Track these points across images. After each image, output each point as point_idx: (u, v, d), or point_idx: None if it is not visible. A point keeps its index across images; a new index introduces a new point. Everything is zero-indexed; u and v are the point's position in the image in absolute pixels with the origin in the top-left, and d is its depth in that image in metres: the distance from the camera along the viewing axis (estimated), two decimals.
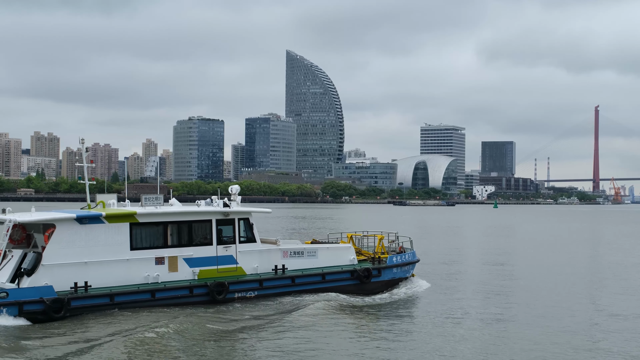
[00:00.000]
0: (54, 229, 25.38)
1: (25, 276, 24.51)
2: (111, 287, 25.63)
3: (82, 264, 25.40)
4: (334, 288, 30.62)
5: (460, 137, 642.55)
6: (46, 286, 24.30)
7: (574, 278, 40.97)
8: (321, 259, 31.31)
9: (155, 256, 27.08)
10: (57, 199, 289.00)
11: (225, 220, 29.03)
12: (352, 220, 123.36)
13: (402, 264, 34.16)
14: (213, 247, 28.49)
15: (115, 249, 26.29)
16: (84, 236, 25.74)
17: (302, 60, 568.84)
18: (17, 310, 23.53)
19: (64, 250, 25.19)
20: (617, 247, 68.70)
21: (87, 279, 25.27)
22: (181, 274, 27.51)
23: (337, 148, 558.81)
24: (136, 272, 26.50)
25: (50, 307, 23.86)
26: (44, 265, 24.70)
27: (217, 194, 32.85)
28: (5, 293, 23.61)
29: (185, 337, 21.68)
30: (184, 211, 28.74)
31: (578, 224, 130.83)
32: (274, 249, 30.16)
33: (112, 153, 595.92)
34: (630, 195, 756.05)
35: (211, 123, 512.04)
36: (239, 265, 28.96)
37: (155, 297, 26.22)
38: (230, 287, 27.87)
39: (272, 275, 29.57)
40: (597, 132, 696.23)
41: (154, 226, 27.52)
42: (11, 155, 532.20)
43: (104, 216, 26.33)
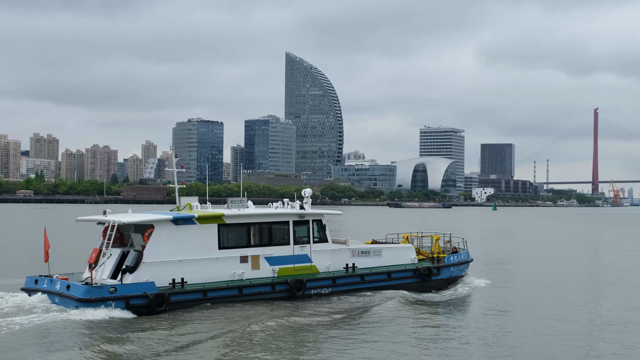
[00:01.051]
0: (152, 229, 27.35)
1: (127, 273, 26.40)
2: (204, 284, 27.64)
3: (178, 261, 27.40)
4: (398, 285, 32.51)
5: (460, 140, 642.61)
6: (148, 282, 26.25)
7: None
8: (386, 258, 33.39)
9: (240, 255, 29.14)
10: (56, 201, 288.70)
11: (300, 222, 31.13)
12: (351, 223, 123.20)
13: (458, 263, 36.18)
14: (290, 247, 30.58)
15: (206, 248, 28.31)
16: (179, 236, 27.79)
17: (301, 62, 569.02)
18: (124, 304, 25.45)
19: (162, 249, 27.24)
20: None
21: (182, 276, 27.23)
22: (263, 272, 29.52)
23: (337, 150, 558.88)
24: (224, 269, 28.55)
25: (153, 301, 25.79)
26: (144, 262, 26.64)
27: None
28: (114, 288, 25.50)
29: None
30: (265, 213, 30.70)
31: (582, 227, 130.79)
32: (344, 248, 32.19)
33: (112, 155, 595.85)
34: (629, 198, 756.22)
35: (210, 125, 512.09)
36: (313, 263, 31.07)
37: (242, 293, 28.17)
38: (307, 284, 29.82)
39: (344, 273, 31.58)
40: (596, 134, 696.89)
41: (239, 227, 29.53)
42: (10, 157, 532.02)
43: (196, 218, 28.39)
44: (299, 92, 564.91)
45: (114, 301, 25.33)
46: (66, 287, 25.95)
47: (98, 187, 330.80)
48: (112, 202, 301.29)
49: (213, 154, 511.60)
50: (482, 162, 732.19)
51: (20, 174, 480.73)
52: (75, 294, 25.36)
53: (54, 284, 26.62)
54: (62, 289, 26.02)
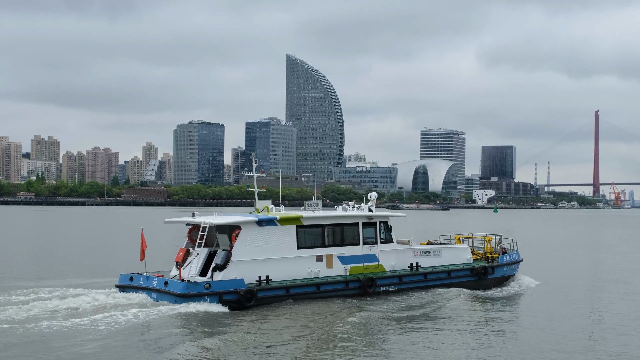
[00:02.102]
0: (239, 230, 29.29)
1: (217, 271, 28.38)
2: (286, 281, 29.64)
3: (262, 260, 29.35)
4: (457, 284, 34.41)
5: (461, 142, 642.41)
6: (238, 279, 28.19)
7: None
8: (444, 258, 35.37)
9: (316, 254, 31.12)
10: (57, 203, 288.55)
11: (369, 223, 33.03)
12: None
13: (511, 263, 38.17)
14: (360, 247, 32.51)
15: (286, 248, 30.31)
16: (263, 236, 29.80)
17: (302, 65, 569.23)
18: (218, 299, 27.43)
19: (248, 249, 29.19)
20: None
21: (267, 274, 29.21)
22: (336, 270, 31.47)
23: (337, 152, 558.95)
24: (301, 268, 30.52)
25: (243, 296, 27.70)
26: (233, 261, 28.60)
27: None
28: (209, 285, 27.47)
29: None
30: (337, 215, 32.95)
31: (585, 228, 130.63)
32: (407, 248, 34.23)
33: (113, 157, 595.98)
34: (630, 200, 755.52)
35: (211, 127, 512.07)
36: (380, 262, 33.03)
37: (320, 290, 30.17)
38: (377, 282, 31.80)
39: (408, 272, 33.61)
40: (597, 136, 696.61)
41: (315, 228, 31.57)
42: (11, 159, 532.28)
43: (277, 219, 30.38)
44: (300, 94, 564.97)
45: (209, 296, 27.29)
46: (164, 283, 27.83)
47: (99, 189, 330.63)
48: (112, 204, 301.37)
49: (214, 156, 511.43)
50: (483, 164, 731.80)
51: (21, 176, 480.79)
52: (174, 289, 27.32)
53: (150, 281, 28.50)
54: (160, 286, 27.90)
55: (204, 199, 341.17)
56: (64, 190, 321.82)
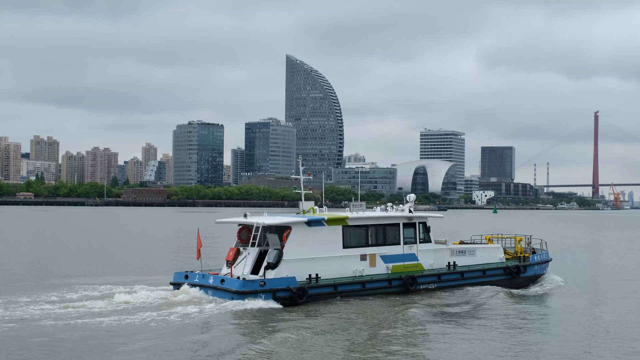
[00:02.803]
0: (290, 230, 30.61)
1: (270, 269, 29.55)
2: (334, 279, 30.90)
3: (311, 259, 30.66)
4: (491, 282, 35.67)
5: (460, 142, 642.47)
6: (290, 277, 29.48)
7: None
8: (479, 257, 36.67)
9: (360, 253, 32.41)
10: (57, 203, 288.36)
11: (409, 224, 34.43)
12: None
13: (541, 262, 39.48)
14: (400, 247, 33.91)
15: (332, 247, 31.63)
16: (311, 236, 31.11)
17: (301, 65, 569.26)
18: (272, 296, 28.68)
19: (298, 248, 30.47)
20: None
21: (316, 272, 30.57)
22: (378, 269, 32.85)
23: (337, 153, 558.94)
24: (347, 266, 31.81)
25: (295, 294, 28.98)
26: (285, 260, 29.82)
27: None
28: (263, 282, 28.78)
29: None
30: (380, 216, 34.23)
31: (596, 229, 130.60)
32: (444, 248, 35.60)
33: (112, 157, 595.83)
34: (629, 201, 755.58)
35: (211, 127, 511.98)
36: (419, 261, 34.38)
37: (365, 288, 31.50)
38: (418, 280, 33.19)
39: (446, 270, 34.96)
40: (596, 137, 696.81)
41: (359, 228, 32.87)
42: (11, 159, 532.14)
43: (325, 220, 31.75)
44: (300, 94, 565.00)
45: (264, 294, 28.56)
46: (220, 281, 29.13)
47: (98, 190, 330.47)
48: (112, 204, 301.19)
49: (213, 157, 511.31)
50: (483, 165, 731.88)
51: (20, 177, 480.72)
52: (231, 287, 28.64)
53: (206, 279, 29.79)
54: (216, 283, 29.23)
55: (204, 200, 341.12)
56: (63, 191, 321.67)
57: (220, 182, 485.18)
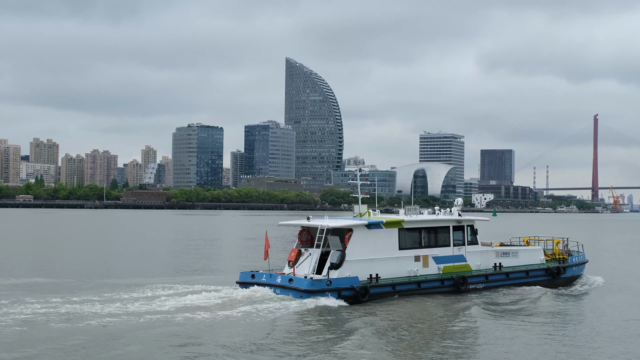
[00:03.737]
0: (351, 232, 32.18)
1: (333, 269, 31.12)
2: (392, 279, 32.59)
3: (370, 260, 32.23)
4: (534, 282, 37.37)
5: (460, 145, 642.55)
6: (353, 277, 31.08)
7: None
8: (521, 259, 38.46)
9: (415, 255, 34.11)
10: (56, 206, 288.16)
11: (458, 227, 36.13)
12: None
13: (579, 264, 41.43)
14: (450, 248, 35.56)
15: (389, 249, 33.28)
16: (371, 238, 32.69)
17: (301, 68, 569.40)
18: (337, 295, 30.30)
19: (359, 249, 32.07)
20: None
21: (376, 272, 32.19)
22: (431, 269, 34.48)
23: (336, 155, 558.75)
24: (402, 267, 33.47)
25: (358, 292, 30.65)
26: (347, 260, 31.42)
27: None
28: (329, 281, 30.44)
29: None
30: (432, 219, 35.82)
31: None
32: (490, 250, 37.32)
33: (112, 159, 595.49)
34: (629, 204, 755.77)
35: (210, 130, 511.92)
36: (467, 263, 36.05)
37: (420, 287, 33.20)
38: (468, 280, 34.89)
39: (493, 271, 36.72)
40: (596, 140, 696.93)
41: (413, 231, 34.57)
42: (10, 162, 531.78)
43: (383, 223, 33.32)
44: (299, 97, 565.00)
45: (330, 292, 30.21)
46: (288, 280, 30.77)
47: (98, 192, 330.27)
48: (111, 207, 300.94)
49: (213, 159, 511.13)
50: (482, 168, 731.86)
51: (20, 179, 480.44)
52: (300, 286, 30.27)
53: (274, 278, 31.37)
54: (284, 282, 30.85)
55: (203, 202, 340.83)
56: (62, 193, 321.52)
57: (219, 184, 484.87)
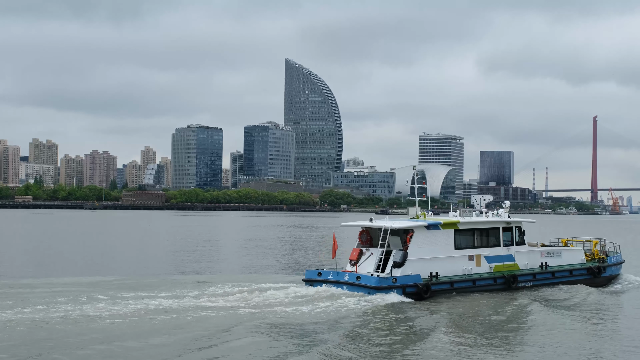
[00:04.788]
0: (412, 233, 33.98)
1: (396, 267, 32.92)
2: (450, 277, 34.35)
3: (429, 259, 33.95)
4: (576, 281, 38.90)
5: (459, 147, 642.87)
6: (416, 274, 32.86)
7: None
8: (564, 258, 40.15)
9: (468, 254, 35.82)
10: (55, 206, 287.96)
11: (507, 228, 37.90)
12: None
13: (617, 263, 42.99)
14: (500, 248, 37.31)
15: (446, 249, 35.05)
16: (430, 238, 34.50)
17: (300, 69, 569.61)
18: (402, 291, 32.08)
19: (420, 249, 33.81)
20: None
21: (435, 270, 33.86)
22: (483, 268, 36.20)
23: (336, 156, 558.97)
24: (457, 266, 35.15)
25: (421, 289, 32.39)
26: (409, 259, 33.19)
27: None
28: (395, 279, 32.19)
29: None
30: (484, 220, 37.57)
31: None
32: (536, 250, 39.09)
33: (111, 160, 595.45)
34: (628, 206, 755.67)
35: (210, 131, 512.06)
36: (515, 262, 37.69)
37: (475, 285, 34.96)
38: (518, 279, 36.68)
39: (539, 270, 38.49)
40: (595, 142, 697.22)
41: (467, 232, 36.31)
42: (9, 162, 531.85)
43: (441, 224, 35.17)
44: (299, 98, 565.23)
45: (395, 289, 31.99)
46: (356, 278, 32.43)
47: (97, 193, 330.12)
48: (111, 207, 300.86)
49: (212, 160, 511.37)
50: (481, 170, 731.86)
51: (19, 180, 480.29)
52: (368, 283, 32.03)
53: (341, 276, 33.04)
54: (352, 279, 32.50)
55: (202, 203, 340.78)
56: (62, 194, 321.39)
57: (219, 185, 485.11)
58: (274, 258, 58.65)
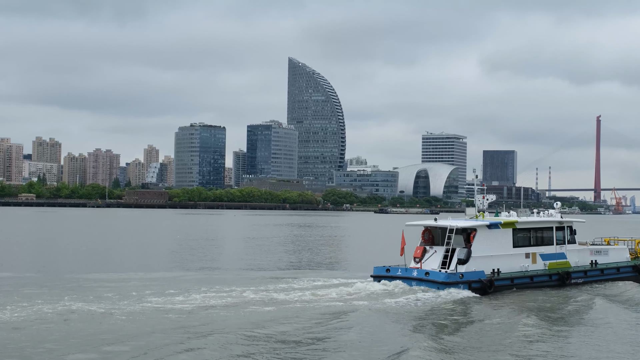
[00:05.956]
0: (475, 232, 35.90)
1: (460, 264, 34.83)
2: (510, 273, 36.43)
3: (491, 256, 35.97)
4: (623, 278, 41.23)
5: (462, 146, 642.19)
6: (480, 271, 34.90)
7: None
8: (611, 257, 42.21)
9: (525, 252, 37.88)
10: (58, 205, 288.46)
11: (560, 227, 40.17)
12: (349, 228, 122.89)
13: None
14: (553, 247, 39.46)
15: (506, 247, 37.12)
16: (491, 237, 36.45)
17: (304, 68, 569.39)
18: (468, 287, 34.03)
19: (482, 247, 35.80)
20: None
21: (497, 267, 35.95)
22: (538, 266, 38.28)
23: (339, 155, 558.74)
24: (515, 263, 37.28)
25: (485, 285, 34.36)
26: (473, 256, 35.13)
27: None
28: (462, 275, 34.18)
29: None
30: (539, 220, 39.85)
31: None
32: (586, 248, 41.38)
33: (114, 159, 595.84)
34: (631, 206, 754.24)
35: (213, 130, 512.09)
36: (567, 260, 39.76)
37: (533, 281, 37.10)
38: (571, 275, 38.79)
39: (589, 267, 40.59)
40: (598, 142, 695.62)
41: (525, 231, 38.48)
42: (13, 160, 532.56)
43: (501, 223, 37.17)
44: (302, 97, 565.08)
45: (462, 284, 33.93)
46: (425, 274, 34.37)
47: (100, 191, 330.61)
48: (113, 206, 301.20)
49: (215, 159, 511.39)
50: (484, 169, 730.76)
51: (22, 178, 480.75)
52: (437, 278, 33.97)
53: (409, 272, 35.13)
54: (421, 275, 34.50)
55: (205, 202, 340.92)
56: (65, 192, 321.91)
57: (221, 184, 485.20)
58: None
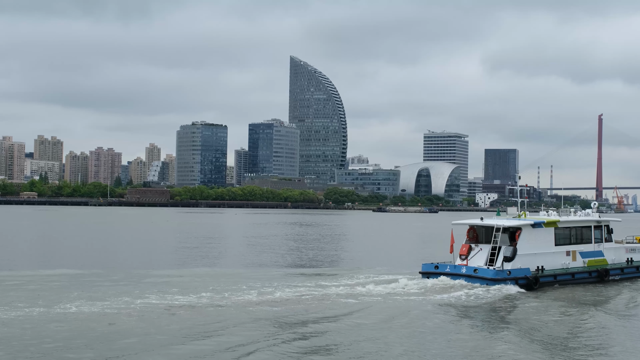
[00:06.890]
0: (520, 231, 37.27)
1: (506, 261, 36.07)
2: (553, 270, 37.92)
3: (534, 254, 37.38)
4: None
5: (464, 145, 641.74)
6: (525, 268, 36.37)
7: None
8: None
9: (566, 250, 39.45)
10: (60, 203, 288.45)
11: (597, 226, 41.92)
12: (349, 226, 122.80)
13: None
14: (592, 245, 41.16)
15: (547, 245, 38.57)
16: (534, 236, 37.88)
17: (305, 66, 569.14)
18: (514, 283, 35.46)
19: (527, 245, 37.19)
20: None
21: (541, 264, 37.42)
22: (578, 263, 39.87)
23: (340, 154, 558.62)
24: (557, 260, 38.78)
25: (531, 281, 35.95)
26: (519, 254, 36.49)
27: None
28: (509, 272, 35.52)
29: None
30: (578, 219, 41.44)
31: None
32: (621, 246, 43.27)
33: (116, 157, 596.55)
34: (633, 204, 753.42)
35: (214, 128, 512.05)
36: (604, 257, 41.53)
37: (574, 278, 38.72)
38: (610, 272, 40.56)
39: (626, 265, 42.54)
40: (600, 141, 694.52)
41: (565, 230, 40.05)
42: (14, 159, 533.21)
43: (544, 223, 38.61)
44: (303, 96, 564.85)
45: (510, 281, 35.35)
46: (473, 270, 35.67)
47: (102, 190, 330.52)
48: (115, 204, 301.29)
49: (217, 157, 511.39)
50: (486, 168, 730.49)
51: (24, 176, 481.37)
52: (486, 275, 35.40)
53: (458, 269, 36.43)
54: (470, 272, 35.79)
55: (207, 200, 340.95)
56: (66, 191, 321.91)
57: (223, 182, 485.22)
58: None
